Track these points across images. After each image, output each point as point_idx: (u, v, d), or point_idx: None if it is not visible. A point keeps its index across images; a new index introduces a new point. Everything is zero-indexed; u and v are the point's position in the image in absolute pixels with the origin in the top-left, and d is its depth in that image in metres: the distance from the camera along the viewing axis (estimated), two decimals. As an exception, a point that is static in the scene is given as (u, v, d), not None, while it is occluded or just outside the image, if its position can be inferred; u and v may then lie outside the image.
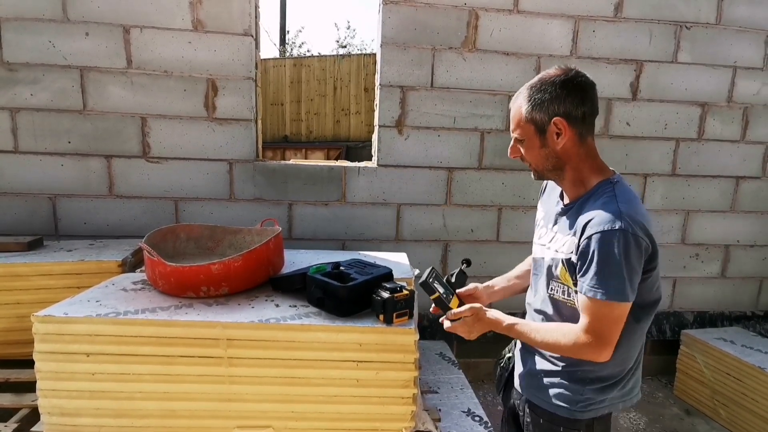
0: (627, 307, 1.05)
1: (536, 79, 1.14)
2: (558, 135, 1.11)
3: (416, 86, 2.64)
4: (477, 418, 1.89)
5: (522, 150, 1.19)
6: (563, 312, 1.19)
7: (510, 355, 1.50)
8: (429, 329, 2.88)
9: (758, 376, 2.44)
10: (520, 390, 1.34)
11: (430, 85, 2.65)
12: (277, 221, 2.04)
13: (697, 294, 3.10)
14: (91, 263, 2.00)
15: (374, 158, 2.75)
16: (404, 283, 1.52)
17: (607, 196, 1.09)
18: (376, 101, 2.70)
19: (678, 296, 3.09)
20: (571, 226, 1.13)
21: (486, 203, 2.81)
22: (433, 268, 1.37)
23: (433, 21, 2.59)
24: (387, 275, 1.65)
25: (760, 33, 2.85)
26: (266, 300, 1.62)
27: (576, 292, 1.10)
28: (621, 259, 1.00)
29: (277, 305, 1.57)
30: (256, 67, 2.60)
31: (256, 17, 2.56)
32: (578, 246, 1.07)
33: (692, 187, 2.94)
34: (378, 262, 2.07)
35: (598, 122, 2.79)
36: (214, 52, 2.48)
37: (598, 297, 1.02)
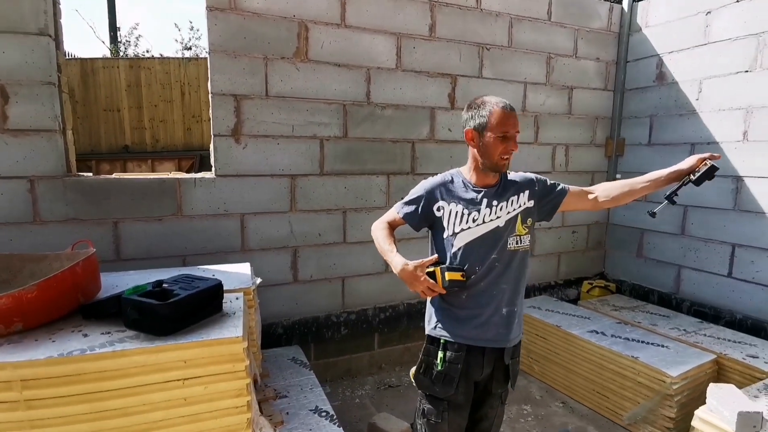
0: None
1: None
2: (472, 140, 1.58)
3: (251, 95, 2.63)
4: (323, 414, 1.97)
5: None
6: (514, 259, 1.58)
7: (450, 354, 1.58)
8: (284, 336, 2.89)
9: (556, 332, 3.01)
10: (509, 345, 1.60)
11: (266, 93, 2.66)
12: (91, 242, 1.84)
13: (515, 272, 3.67)
14: None
15: (213, 168, 2.65)
16: None
17: (510, 172, 1.67)
18: (210, 110, 2.61)
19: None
20: (514, 192, 1.59)
21: (331, 207, 2.94)
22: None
23: (263, 30, 2.61)
24: (215, 287, 1.62)
25: (542, 54, 3.51)
26: (73, 331, 1.46)
27: (524, 236, 1.59)
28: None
29: (86, 335, 1.43)
30: (59, 70, 2.30)
31: (55, 15, 2.27)
32: (535, 189, 1.62)
33: (503, 182, 3.49)
34: (217, 275, 2.03)
35: (425, 129, 3.14)
36: (2, 54, 2.13)
37: (564, 186, 1.68)
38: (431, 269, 1.52)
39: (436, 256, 1.61)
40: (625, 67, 3.75)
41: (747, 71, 2.95)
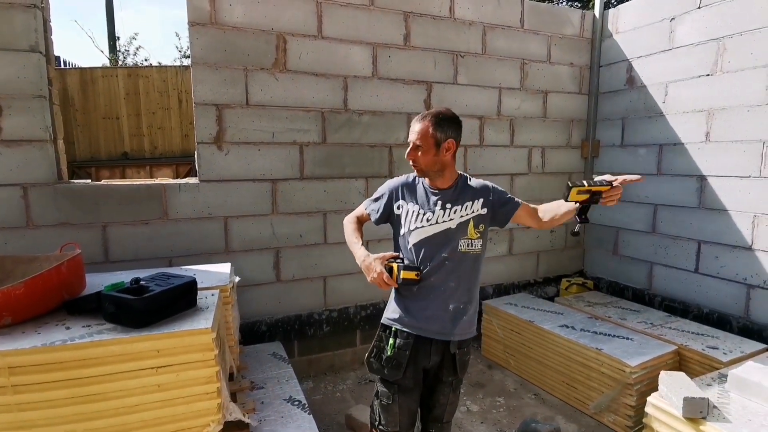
0: None
1: (436, 111, 1.69)
2: (448, 150, 1.66)
3: (232, 104, 2.78)
4: (296, 403, 2.10)
5: (419, 154, 1.66)
6: (465, 261, 1.69)
7: (399, 341, 1.70)
8: (268, 333, 3.03)
9: (529, 327, 3.14)
10: (454, 339, 1.70)
11: (246, 102, 2.81)
12: (78, 245, 1.98)
13: (494, 270, 3.81)
14: None
15: (197, 174, 2.80)
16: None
17: (471, 179, 1.78)
18: (194, 119, 2.76)
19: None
20: (469, 198, 1.70)
21: (311, 210, 3.08)
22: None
23: (243, 43, 2.76)
24: (189, 284, 1.76)
25: (516, 60, 3.65)
26: (57, 324, 1.60)
27: (476, 240, 1.70)
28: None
29: (68, 327, 1.57)
30: (50, 84, 2.46)
31: (45, 32, 2.43)
32: (489, 198, 1.72)
33: (480, 184, 3.62)
34: (197, 274, 2.17)
35: (402, 134, 3.27)
36: (-5, 69, 2.28)
37: (518, 200, 1.78)
38: (392, 264, 1.66)
39: (397, 254, 1.74)
40: (598, 72, 3.88)
41: (708, 75, 3.08)
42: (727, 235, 3.03)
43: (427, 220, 1.69)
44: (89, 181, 2.79)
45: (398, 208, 1.76)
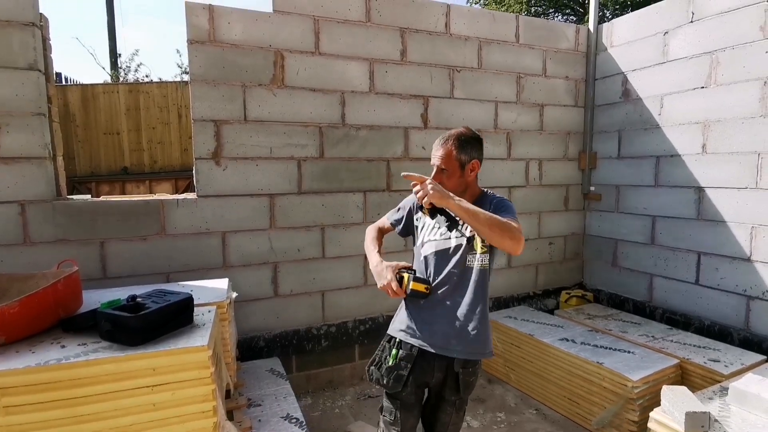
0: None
1: (458, 132, 1.71)
2: (472, 171, 1.71)
3: (230, 120, 2.80)
4: (294, 421, 2.07)
5: (444, 177, 1.67)
6: (472, 275, 1.67)
7: (401, 353, 1.68)
8: (266, 348, 3.00)
9: (529, 341, 3.11)
10: (459, 357, 1.66)
11: (244, 118, 2.83)
12: (75, 261, 1.98)
13: (493, 283, 3.73)
14: None
15: (195, 189, 2.81)
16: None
17: (490, 193, 1.79)
18: (193, 135, 2.78)
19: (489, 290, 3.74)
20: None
21: (309, 224, 3.08)
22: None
23: (241, 60, 2.79)
24: (185, 301, 1.75)
25: (512, 74, 3.69)
26: (52, 343, 1.59)
27: (483, 254, 1.68)
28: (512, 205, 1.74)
29: (63, 346, 1.56)
30: (50, 102, 2.48)
31: (45, 50, 2.46)
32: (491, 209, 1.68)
33: (479, 197, 3.63)
34: (195, 290, 2.17)
35: (399, 148, 3.29)
36: (-5, 87, 2.31)
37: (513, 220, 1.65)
38: (403, 273, 1.65)
39: (410, 264, 1.74)
40: (593, 85, 3.92)
41: (703, 87, 3.11)
42: (726, 247, 3.03)
43: (440, 234, 1.72)
44: (88, 197, 2.79)
45: (417, 220, 1.82)
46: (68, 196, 2.67)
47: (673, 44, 3.28)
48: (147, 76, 12.06)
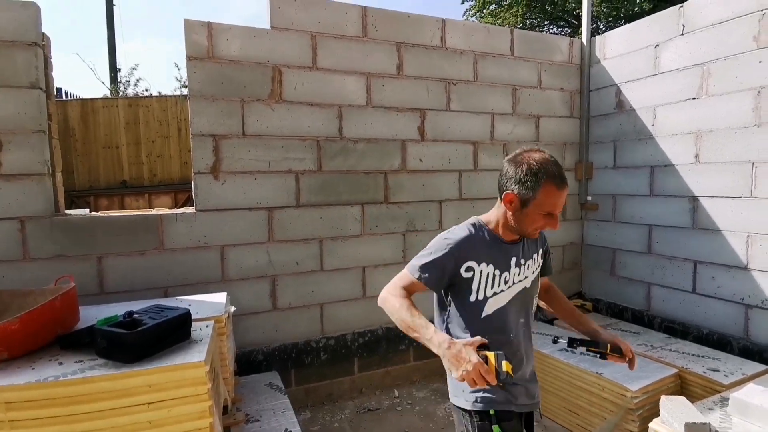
0: None
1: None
2: None
3: (228, 134, 2.83)
4: (292, 436, 2.06)
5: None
6: (531, 313, 1.56)
7: (505, 424, 1.42)
8: (265, 362, 2.99)
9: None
10: (540, 404, 1.54)
11: (242, 133, 2.86)
12: (72, 277, 1.99)
13: (492, 294, 3.78)
14: None
15: (194, 204, 2.82)
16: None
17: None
18: (192, 150, 2.80)
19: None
20: (534, 248, 1.52)
21: (307, 237, 3.09)
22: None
23: (239, 76, 2.83)
24: (183, 316, 1.76)
25: (508, 87, 3.73)
26: (50, 360, 1.59)
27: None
28: None
29: (61, 363, 1.56)
30: (50, 119, 2.51)
31: (46, 68, 2.49)
32: (545, 245, 1.59)
33: (476, 208, 3.64)
34: (192, 305, 2.17)
35: (397, 160, 3.32)
36: (-3, 105, 2.34)
37: None
38: (486, 352, 1.24)
39: (483, 339, 1.27)
40: (588, 96, 3.97)
41: (695, 98, 3.15)
42: (722, 255, 3.04)
43: (505, 282, 1.42)
44: (86, 211, 2.82)
45: (467, 270, 1.39)
46: (66, 211, 2.68)
47: (665, 56, 3.33)
48: (146, 90, 12.16)
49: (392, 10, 3.25)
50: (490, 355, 1.22)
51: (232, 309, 2.32)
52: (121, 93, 11.31)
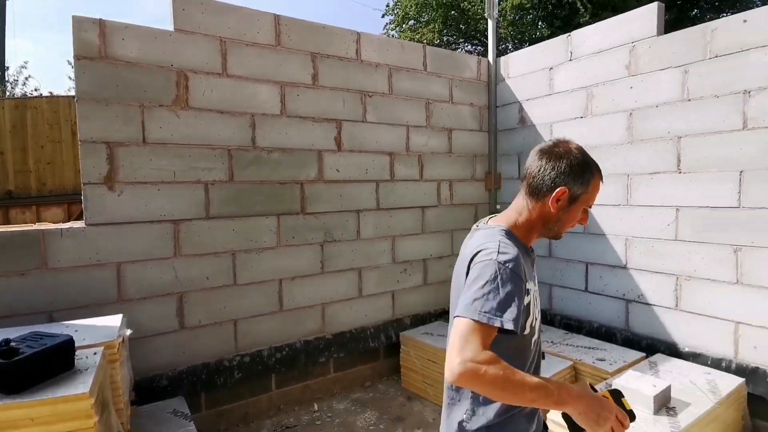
0: None
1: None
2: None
3: (126, 142, 2.61)
4: (198, 464, 1.93)
5: None
6: None
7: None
8: (170, 387, 2.78)
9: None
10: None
11: (143, 140, 2.66)
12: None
13: (410, 301, 3.89)
14: None
15: (84, 217, 2.56)
16: None
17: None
18: (80, 158, 2.54)
19: (397, 306, 3.81)
20: (534, 259, 1.32)
21: (219, 250, 2.94)
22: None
23: (138, 79, 2.64)
24: (65, 344, 1.58)
25: (422, 100, 3.89)
26: None
27: None
28: None
29: None
30: None
31: None
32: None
33: (393, 217, 3.73)
34: (80, 330, 1.98)
35: (313, 170, 3.29)
36: None
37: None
38: (601, 393, 1.17)
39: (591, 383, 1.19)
40: (495, 111, 4.26)
41: (582, 117, 3.52)
42: (607, 257, 3.42)
43: (536, 299, 1.24)
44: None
45: (528, 294, 1.15)
46: None
47: (558, 78, 3.69)
48: (36, 90, 10.86)
49: (307, 21, 3.24)
50: (607, 394, 1.13)
51: (128, 332, 2.13)
52: (8, 93, 9.98)
